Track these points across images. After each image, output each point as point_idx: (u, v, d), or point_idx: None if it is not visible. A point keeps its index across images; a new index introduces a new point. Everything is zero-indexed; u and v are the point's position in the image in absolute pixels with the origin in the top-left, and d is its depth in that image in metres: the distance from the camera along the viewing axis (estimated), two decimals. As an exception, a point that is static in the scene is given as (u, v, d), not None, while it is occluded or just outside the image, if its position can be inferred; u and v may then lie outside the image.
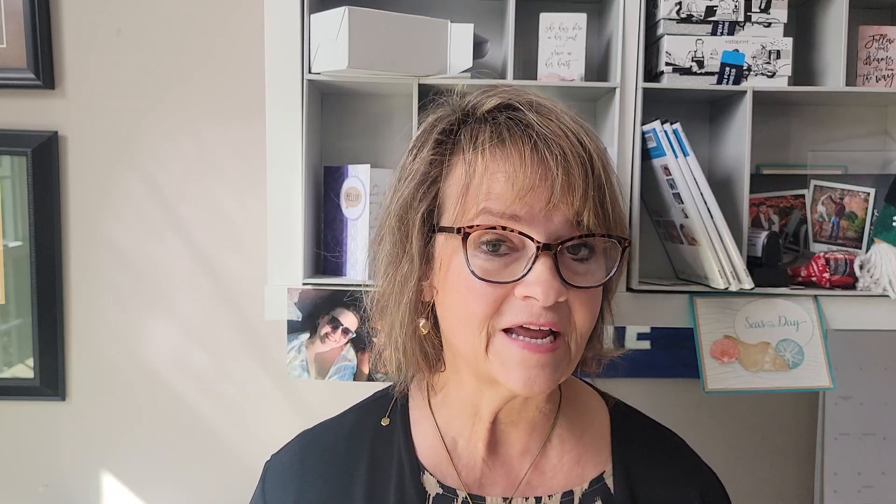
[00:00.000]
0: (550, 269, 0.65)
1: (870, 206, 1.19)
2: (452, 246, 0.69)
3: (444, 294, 0.71)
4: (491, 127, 0.69)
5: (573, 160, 0.66)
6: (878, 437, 1.35)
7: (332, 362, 1.09)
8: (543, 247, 0.65)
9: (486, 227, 0.66)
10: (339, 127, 1.23)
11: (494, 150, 0.67)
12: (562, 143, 0.66)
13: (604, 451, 0.79)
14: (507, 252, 0.67)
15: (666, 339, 1.35)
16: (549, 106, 0.70)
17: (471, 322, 0.67)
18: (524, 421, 0.77)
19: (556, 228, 0.66)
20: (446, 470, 0.76)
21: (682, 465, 0.81)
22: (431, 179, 0.71)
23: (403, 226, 0.72)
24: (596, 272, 0.69)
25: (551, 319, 0.66)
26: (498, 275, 0.67)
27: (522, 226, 0.66)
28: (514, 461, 0.77)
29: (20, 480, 1.35)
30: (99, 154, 1.30)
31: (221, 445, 1.35)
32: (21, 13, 1.25)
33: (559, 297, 0.65)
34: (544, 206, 0.66)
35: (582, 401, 0.83)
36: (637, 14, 1.08)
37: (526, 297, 0.66)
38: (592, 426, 0.81)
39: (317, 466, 0.78)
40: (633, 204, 1.09)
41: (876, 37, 1.13)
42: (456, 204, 0.69)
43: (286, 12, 1.06)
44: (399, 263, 0.73)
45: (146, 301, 1.33)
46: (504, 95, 0.71)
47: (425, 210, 0.70)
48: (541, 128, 0.67)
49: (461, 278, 0.68)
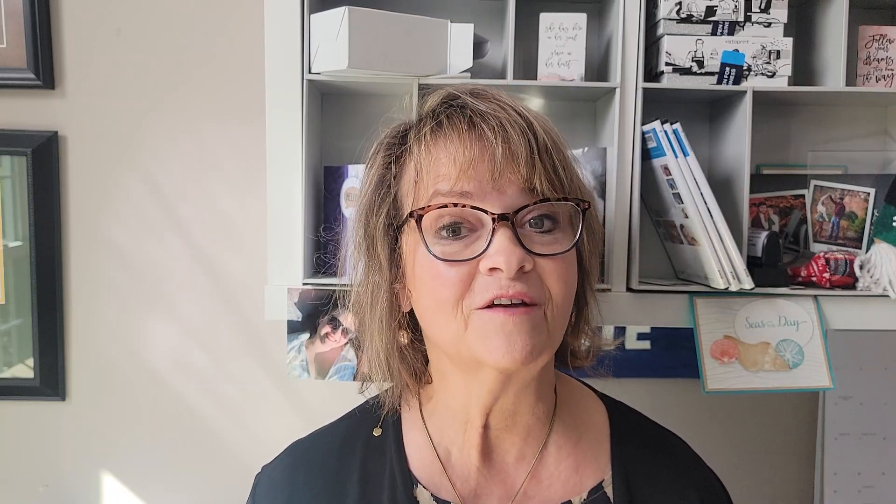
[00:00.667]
0: (510, 238, 0.65)
1: (870, 206, 1.19)
2: (414, 239, 0.69)
3: (415, 290, 0.71)
4: (432, 120, 0.70)
5: (511, 128, 0.66)
6: (878, 437, 1.35)
7: (332, 362, 1.09)
8: (500, 217, 0.65)
9: (436, 206, 0.66)
10: (339, 127, 1.23)
11: (436, 137, 0.69)
12: (498, 115, 0.67)
13: (602, 456, 0.77)
14: (467, 234, 0.67)
15: (666, 339, 1.35)
16: (489, 91, 0.71)
17: (444, 307, 0.67)
18: (518, 425, 0.75)
19: (511, 200, 0.66)
20: (440, 482, 0.74)
21: (683, 469, 0.79)
22: (387, 184, 0.72)
23: (368, 234, 0.73)
24: (563, 242, 0.69)
25: (520, 289, 0.65)
26: (460, 255, 0.67)
27: (474, 201, 0.66)
28: (509, 469, 0.75)
29: (20, 480, 1.35)
30: (99, 154, 1.30)
31: (221, 445, 1.35)
32: (21, 13, 1.25)
33: (522, 263, 0.64)
34: (490, 178, 0.66)
35: (579, 403, 0.81)
36: (637, 14, 1.08)
37: (491, 269, 0.65)
38: (590, 430, 0.79)
39: (307, 480, 0.77)
40: (633, 204, 1.09)
41: (876, 37, 1.13)
42: (409, 197, 0.70)
43: (286, 12, 1.06)
44: (369, 272, 0.74)
45: (146, 301, 1.33)
46: (448, 90, 0.72)
47: (385, 215, 0.71)
48: (475, 105, 0.68)
49: (426, 268, 0.68)
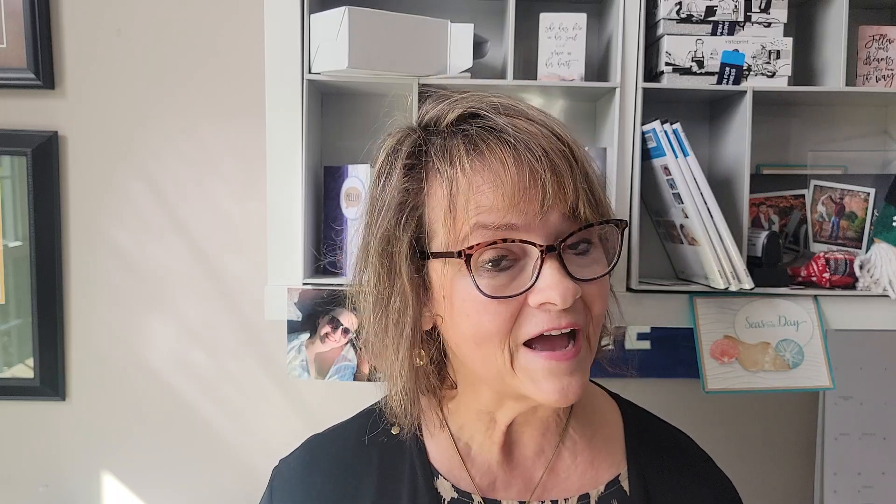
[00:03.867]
0: (560, 270, 0.63)
1: (870, 206, 1.19)
2: (452, 270, 0.66)
3: (452, 319, 0.67)
4: (463, 139, 0.66)
5: (556, 157, 0.64)
6: (878, 437, 1.35)
7: (333, 362, 1.09)
8: (547, 249, 0.63)
9: (486, 243, 0.63)
10: (339, 127, 1.23)
11: (474, 163, 0.64)
12: (541, 143, 0.64)
13: (617, 452, 0.78)
14: (510, 265, 0.65)
15: (666, 339, 1.35)
16: (513, 105, 0.68)
17: (490, 342, 0.65)
18: (537, 420, 0.75)
19: (554, 227, 0.64)
20: (459, 474, 0.75)
21: (696, 468, 0.81)
22: (410, 207, 0.67)
23: (387, 260, 0.68)
24: (599, 261, 0.68)
25: (572, 320, 0.64)
26: (507, 289, 0.64)
27: (521, 233, 0.63)
28: (528, 463, 0.76)
29: (20, 480, 1.35)
30: (99, 154, 1.30)
31: (221, 445, 1.35)
32: (21, 13, 1.25)
33: (576, 296, 0.63)
34: (539, 210, 0.63)
35: (593, 401, 0.82)
36: (637, 14, 1.08)
37: (542, 304, 0.63)
38: (604, 427, 0.80)
39: (325, 472, 0.77)
40: (633, 204, 1.09)
41: (876, 37, 1.13)
42: (444, 227, 0.66)
43: (286, 12, 1.06)
44: (389, 300, 0.69)
45: (146, 301, 1.33)
46: (465, 103, 0.68)
47: (410, 239, 0.67)
48: (515, 131, 0.65)
49: (468, 301, 0.65)
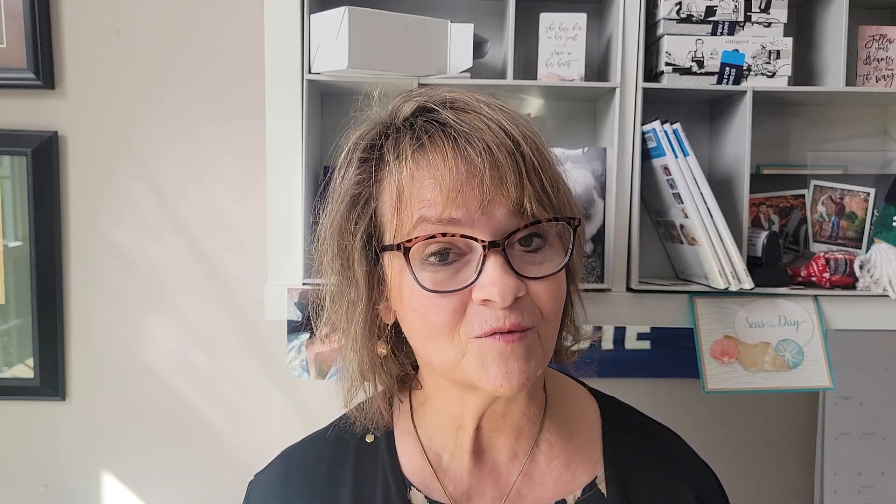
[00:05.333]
0: (502, 266, 0.62)
1: (870, 206, 1.19)
2: (399, 264, 0.66)
3: (403, 314, 0.68)
4: (409, 133, 0.66)
5: (498, 151, 0.63)
6: (878, 437, 1.35)
7: (332, 362, 1.09)
8: (490, 244, 0.62)
9: (424, 237, 0.63)
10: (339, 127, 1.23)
11: (417, 157, 0.64)
12: (484, 137, 0.63)
13: (595, 452, 0.77)
14: (455, 259, 0.64)
15: (666, 339, 1.35)
16: (466, 100, 0.67)
17: (438, 335, 0.65)
18: (508, 425, 0.74)
19: (501, 223, 0.63)
20: (432, 485, 0.74)
21: (677, 462, 0.79)
22: (364, 200, 0.67)
23: (343, 252, 0.69)
24: (553, 258, 0.66)
25: (515, 321, 0.63)
26: (450, 283, 0.64)
27: (463, 228, 0.63)
28: (502, 468, 0.75)
29: (20, 480, 1.35)
30: (99, 154, 1.30)
31: (221, 445, 1.35)
32: (21, 13, 1.25)
33: (517, 294, 0.62)
34: (479, 205, 0.62)
35: (569, 400, 0.80)
36: (637, 14, 1.08)
37: (483, 300, 0.63)
38: (581, 427, 0.78)
39: (300, 487, 0.76)
40: (633, 204, 1.09)
41: (876, 37, 1.13)
42: (392, 220, 0.66)
43: (286, 12, 1.06)
44: (344, 291, 0.70)
45: (146, 301, 1.33)
46: (420, 98, 0.68)
47: (363, 232, 0.67)
48: (458, 124, 0.64)
49: (415, 295, 0.65)
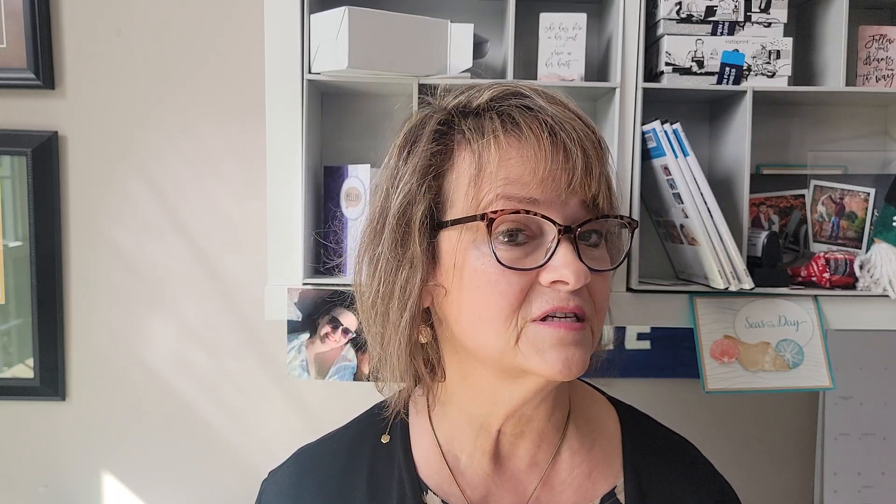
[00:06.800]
0: (574, 252, 0.64)
1: (870, 206, 1.19)
2: (467, 240, 0.66)
3: (458, 294, 0.67)
4: (499, 115, 0.67)
5: (588, 144, 0.66)
6: (878, 437, 1.35)
7: (332, 362, 1.09)
8: (564, 230, 0.64)
9: (510, 210, 0.64)
10: (339, 127, 1.23)
11: (509, 137, 0.65)
12: (576, 127, 0.66)
13: (615, 462, 0.76)
14: (525, 241, 0.65)
15: (666, 339, 1.35)
16: (551, 93, 0.70)
17: (499, 316, 0.64)
18: (533, 431, 0.74)
19: (574, 212, 0.65)
20: (449, 488, 0.73)
21: (696, 476, 0.78)
22: (434, 173, 0.67)
23: (401, 227, 0.68)
24: (604, 257, 0.69)
25: (578, 303, 0.64)
26: (522, 262, 0.64)
27: (542, 209, 0.64)
28: (521, 475, 0.74)
29: (20, 480, 1.35)
30: (99, 154, 1.30)
31: (221, 445, 1.35)
32: (21, 13, 1.25)
33: (587, 279, 0.64)
34: (564, 191, 0.65)
35: (591, 408, 0.80)
36: (637, 14, 1.08)
37: (553, 282, 0.64)
38: (603, 436, 0.78)
39: (314, 487, 0.76)
40: (633, 204, 1.09)
41: (876, 37, 1.13)
42: (466, 195, 0.66)
43: (286, 12, 1.06)
44: (398, 269, 0.69)
45: (146, 301, 1.33)
46: (500, 86, 0.70)
47: (429, 205, 0.67)
48: (554, 112, 0.66)
49: (480, 273, 0.65)
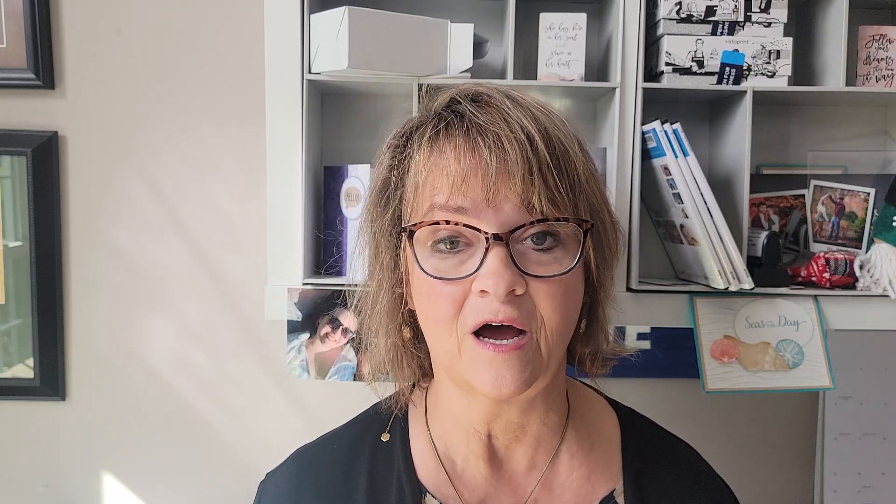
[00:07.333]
0: (502, 260, 0.62)
1: (870, 206, 1.19)
2: (411, 249, 0.67)
3: (415, 299, 0.70)
4: (433, 123, 0.67)
5: (508, 144, 0.62)
6: (878, 437, 1.35)
7: (332, 362, 1.09)
8: (494, 237, 0.62)
9: (428, 222, 0.64)
10: (339, 127, 1.23)
11: (433, 145, 0.66)
12: (496, 129, 0.63)
13: (614, 465, 0.76)
14: (464, 248, 0.65)
15: (666, 339, 1.35)
16: (492, 94, 0.67)
17: (438, 324, 0.66)
18: (529, 436, 0.73)
19: (509, 217, 0.63)
20: (447, 492, 0.73)
21: (696, 480, 0.78)
22: (393, 185, 0.70)
23: (374, 235, 0.72)
24: (563, 261, 0.65)
25: (509, 314, 0.62)
26: (453, 272, 0.64)
27: (469, 218, 0.63)
28: (519, 478, 0.74)
29: (20, 480, 1.35)
30: (99, 154, 1.30)
31: (221, 445, 1.35)
32: (21, 13, 1.25)
33: (512, 287, 0.62)
34: (484, 196, 0.63)
35: (591, 411, 0.80)
36: (637, 14, 1.08)
37: (481, 291, 0.63)
38: (602, 438, 0.77)
39: (314, 488, 0.75)
40: (633, 204, 1.09)
41: (876, 37, 1.13)
42: (409, 205, 0.68)
43: (286, 12, 1.06)
44: (374, 272, 0.73)
45: (146, 301, 1.33)
46: (455, 90, 0.70)
47: (390, 218, 0.69)
48: (473, 116, 0.65)
49: (421, 280, 0.66)
